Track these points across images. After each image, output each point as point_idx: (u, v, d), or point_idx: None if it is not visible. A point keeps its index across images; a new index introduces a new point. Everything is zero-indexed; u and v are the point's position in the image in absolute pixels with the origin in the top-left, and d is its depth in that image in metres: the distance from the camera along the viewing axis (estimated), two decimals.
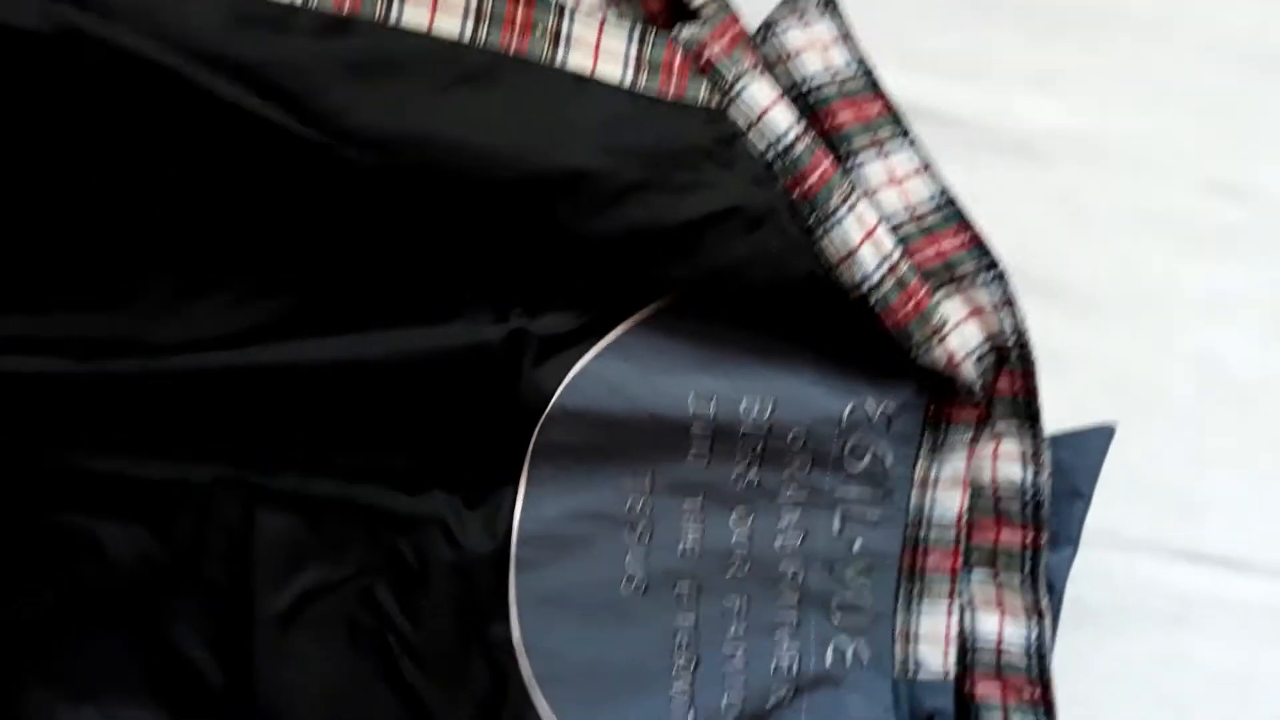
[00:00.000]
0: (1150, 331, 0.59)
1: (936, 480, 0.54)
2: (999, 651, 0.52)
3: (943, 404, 0.54)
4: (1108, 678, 0.57)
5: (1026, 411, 0.51)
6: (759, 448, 0.53)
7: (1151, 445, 0.58)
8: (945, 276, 0.51)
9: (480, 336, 0.51)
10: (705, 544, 0.54)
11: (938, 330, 0.51)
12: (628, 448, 0.53)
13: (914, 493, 0.54)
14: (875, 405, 0.53)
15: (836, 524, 0.54)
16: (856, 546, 0.54)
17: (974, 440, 0.53)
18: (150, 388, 0.50)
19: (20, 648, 0.51)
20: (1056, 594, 0.52)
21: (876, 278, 0.50)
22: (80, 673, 0.51)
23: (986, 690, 0.52)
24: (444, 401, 0.52)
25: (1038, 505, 0.52)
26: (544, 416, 0.52)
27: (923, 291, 0.50)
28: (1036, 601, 0.52)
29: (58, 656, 0.51)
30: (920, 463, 0.54)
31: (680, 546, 0.54)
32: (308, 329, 0.51)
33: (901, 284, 0.50)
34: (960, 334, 0.51)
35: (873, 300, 0.50)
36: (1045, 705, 0.51)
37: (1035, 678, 0.51)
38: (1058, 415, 0.53)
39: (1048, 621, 0.51)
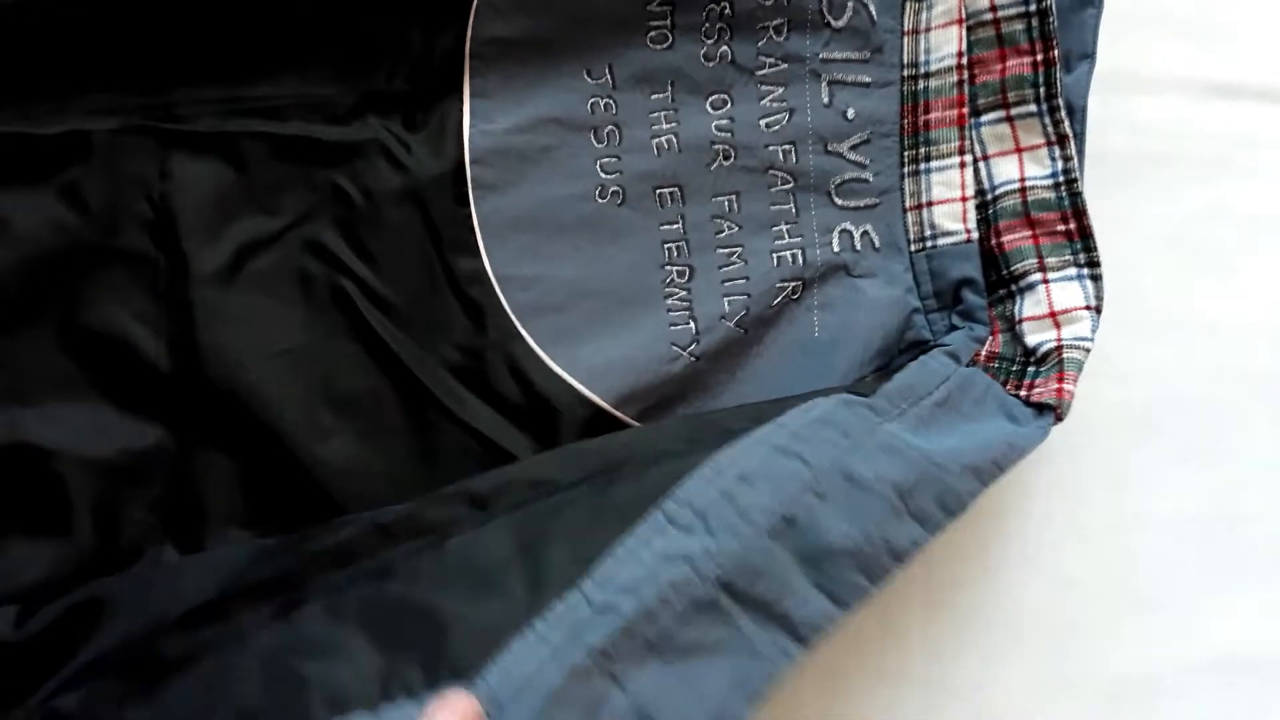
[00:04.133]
0: None
1: (928, 24, 0.47)
2: (1023, 192, 0.47)
3: None
4: (1145, 233, 0.52)
5: None
6: (726, 12, 0.47)
7: None
8: None
9: None
10: (682, 139, 0.48)
11: None
12: (578, 35, 0.47)
13: (905, 43, 0.48)
14: None
15: (825, 94, 0.48)
16: (850, 115, 0.48)
17: None
18: (28, 25, 0.44)
19: None
20: (1079, 114, 0.46)
21: None
22: (6, 373, 0.46)
23: (1015, 238, 0.47)
24: (361, 4, 0.46)
25: (1044, 15, 0.45)
26: (477, 1, 0.46)
27: None
28: (1058, 127, 0.46)
29: None
30: (907, 8, 0.48)
31: (655, 146, 0.48)
32: None
33: None
34: None
35: None
36: (1081, 234, 0.46)
37: (1067, 208, 0.46)
38: None
39: (1072, 147, 0.46)
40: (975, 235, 0.47)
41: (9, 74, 0.45)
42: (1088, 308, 0.45)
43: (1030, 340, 0.46)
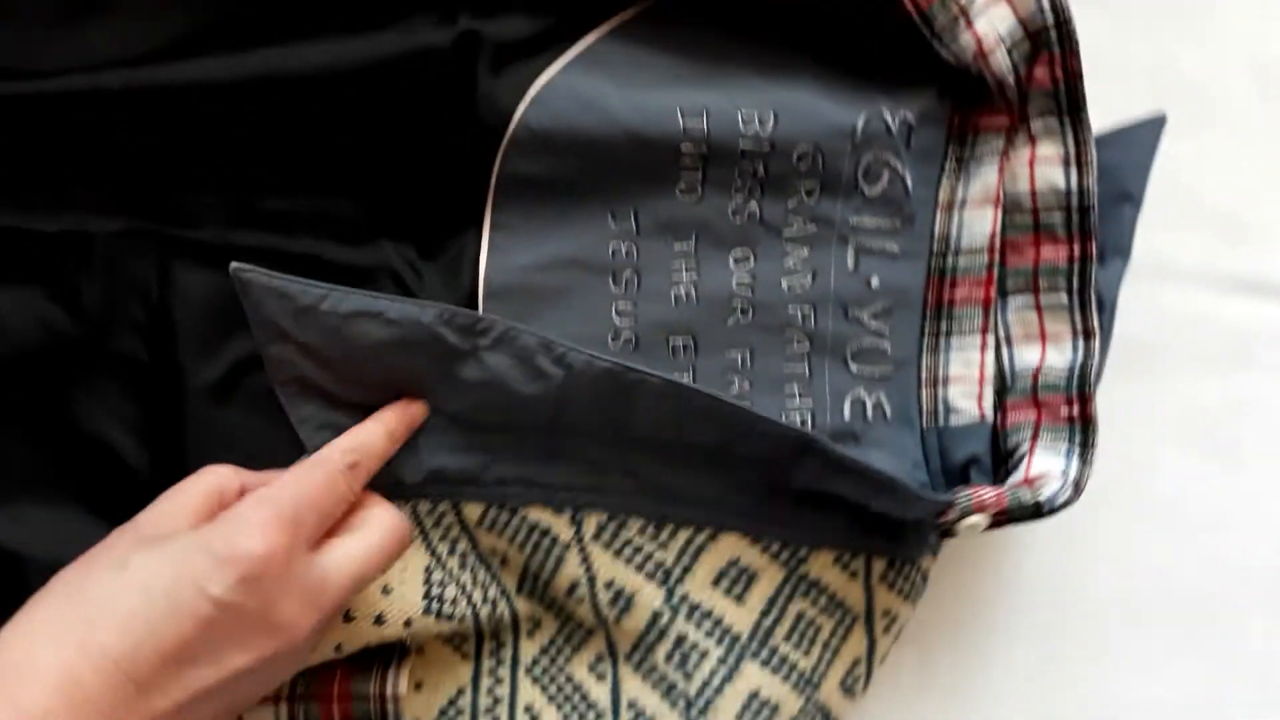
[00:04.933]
0: (1198, 29, 0.51)
1: (964, 200, 0.47)
2: (1036, 375, 0.46)
3: (968, 113, 0.46)
4: (1160, 423, 0.51)
5: (1068, 101, 0.44)
6: (760, 172, 0.46)
7: (1202, 160, 0.51)
8: None
9: (423, 41, 0.43)
10: (701, 291, 0.47)
11: (964, 11, 0.43)
12: (606, 180, 0.45)
13: (938, 218, 0.47)
14: (892, 114, 0.45)
15: (851, 259, 0.47)
16: (874, 284, 0.47)
17: (1006, 150, 0.46)
18: (38, 119, 0.42)
19: None
20: (1108, 309, 0.45)
21: None
22: None
23: (1019, 416, 0.46)
24: (387, 126, 0.44)
25: (1084, 212, 0.45)
26: (506, 139, 0.44)
27: None
28: (1085, 321, 0.45)
29: None
30: (944, 182, 0.47)
31: (673, 295, 0.47)
32: (220, 44, 0.43)
33: None
34: (989, 16, 0.44)
35: None
36: (1083, 420, 0.44)
37: (1074, 394, 0.45)
38: (1095, 124, 0.46)
39: (1096, 342, 0.45)
40: (990, 417, 0.46)
41: (10, 166, 0.43)
42: (1063, 476, 0.43)
43: None
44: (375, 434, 0.40)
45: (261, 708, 0.43)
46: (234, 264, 0.40)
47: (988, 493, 0.43)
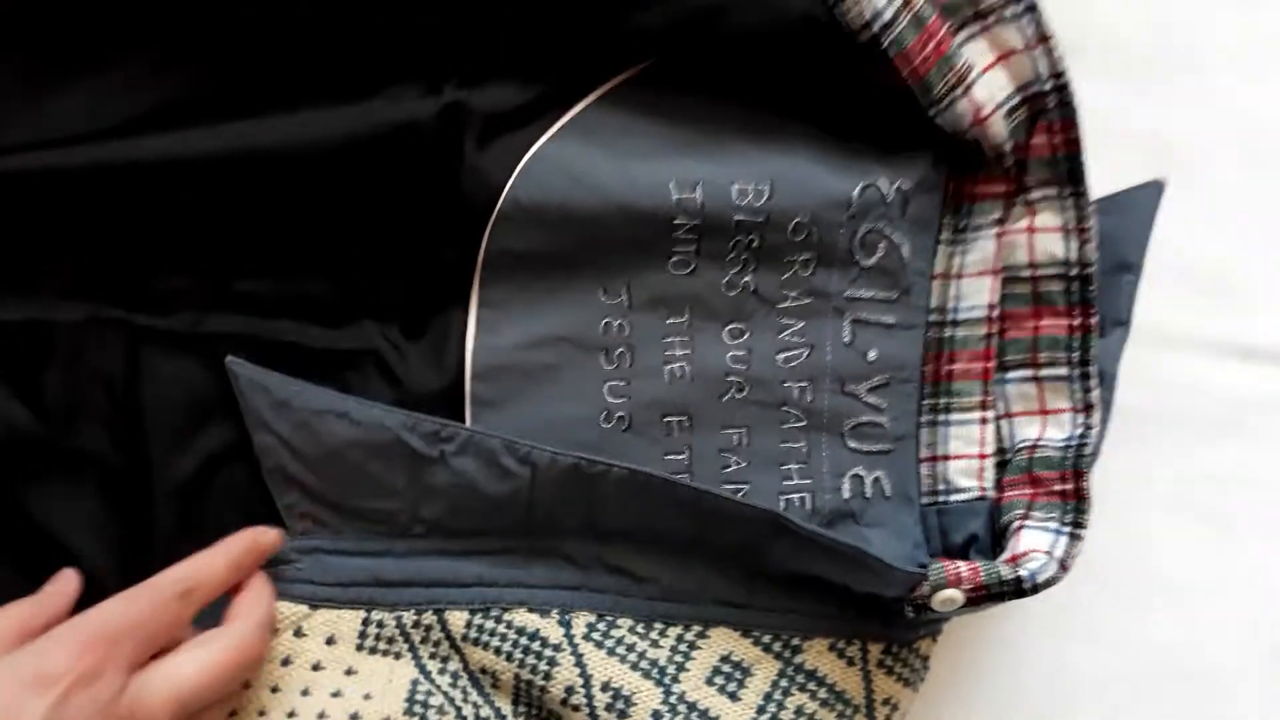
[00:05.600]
0: (1190, 92, 0.51)
1: (961, 271, 0.46)
2: (1033, 449, 0.45)
3: (963, 182, 0.46)
4: (1152, 491, 0.51)
5: (1068, 171, 0.43)
6: (754, 244, 0.44)
7: (1194, 224, 0.50)
8: (968, 13, 0.43)
9: (407, 114, 0.41)
10: (695, 368, 0.45)
11: (962, 78, 0.42)
12: (597, 255, 0.44)
13: (935, 288, 0.46)
14: (888, 183, 0.44)
15: (847, 332, 0.46)
16: (871, 357, 0.46)
17: (1003, 219, 0.45)
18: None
19: None
20: (1108, 381, 0.44)
21: (889, 14, 0.41)
22: None
23: (1014, 493, 0.45)
24: (370, 202, 0.42)
25: (1085, 282, 0.44)
26: (494, 214, 0.42)
27: (943, 31, 0.42)
28: (1087, 395, 0.44)
29: None
30: (940, 252, 0.46)
31: (667, 372, 0.45)
32: (192, 117, 0.41)
33: (919, 21, 0.42)
34: (987, 83, 0.43)
35: (885, 43, 0.41)
36: (1077, 496, 0.43)
37: (1069, 469, 0.43)
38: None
39: (1096, 415, 0.44)
40: (990, 493, 0.45)
41: None
42: (1049, 553, 0.42)
43: None
44: (213, 563, 0.40)
45: None
46: (229, 357, 0.41)
47: (963, 566, 0.42)
